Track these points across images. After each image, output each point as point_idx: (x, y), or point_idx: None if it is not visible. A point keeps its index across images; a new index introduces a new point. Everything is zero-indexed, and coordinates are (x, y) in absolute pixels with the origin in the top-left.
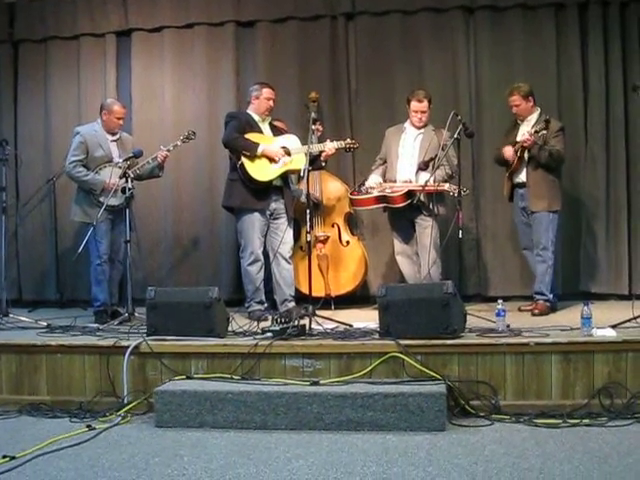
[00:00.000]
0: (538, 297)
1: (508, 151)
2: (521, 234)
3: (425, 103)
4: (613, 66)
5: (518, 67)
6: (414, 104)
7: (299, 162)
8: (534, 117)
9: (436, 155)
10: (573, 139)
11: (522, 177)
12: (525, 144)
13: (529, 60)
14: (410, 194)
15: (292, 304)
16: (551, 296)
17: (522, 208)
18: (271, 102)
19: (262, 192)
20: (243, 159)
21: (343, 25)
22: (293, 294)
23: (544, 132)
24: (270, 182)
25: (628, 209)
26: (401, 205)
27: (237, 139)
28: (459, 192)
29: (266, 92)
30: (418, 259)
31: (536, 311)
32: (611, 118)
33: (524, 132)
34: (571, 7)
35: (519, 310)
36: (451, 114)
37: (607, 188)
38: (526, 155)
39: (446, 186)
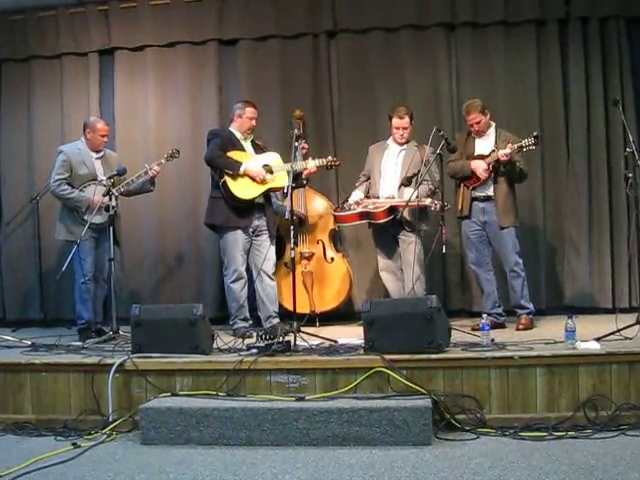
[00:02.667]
0: (520, 312)
1: (481, 167)
2: (472, 249)
3: (406, 119)
4: (594, 81)
5: (499, 83)
6: (395, 120)
7: (281, 180)
8: (491, 131)
9: (419, 171)
10: (555, 153)
11: (488, 191)
12: (504, 158)
13: (510, 76)
14: (393, 210)
15: (276, 320)
16: (531, 306)
17: (483, 222)
18: (253, 122)
19: (245, 210)
20: (226, 177)
21: (325, 43)
22: (277, 310)
23: (532, 148)
24: (252, 200)
25: (610, 223)
26: (384, 221)
27: (220, 157)
28: (442, 207)
29: (249, 111)
30: (402, 275)
31: (521, 326)
32: (592, 132)
33: (492, 147)
34: (551, 23)
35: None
36: (433, 130)
37: (589, 202)
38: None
39: (428, 201)
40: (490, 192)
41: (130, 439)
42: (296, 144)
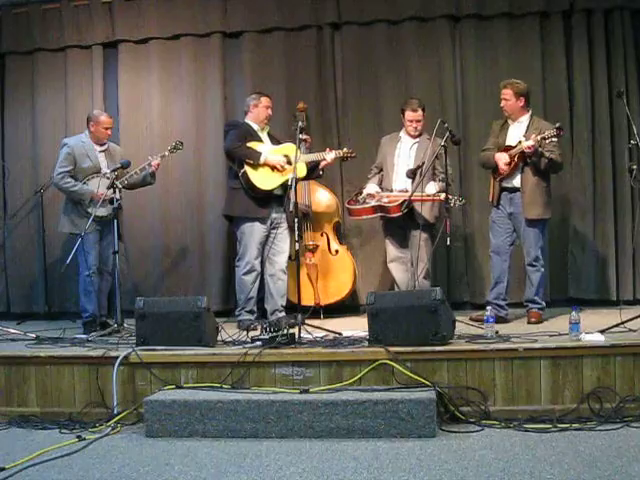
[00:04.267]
0: (532, 305)
1: (503, 159)
2: (495, 235)
3: (420, 112)
4: (598, 73)
5: (503, 75)
6: (409, 113)
7: (300, 171)
8: (525, 119)
9: (423, 163)
10: (559, 145)
11: (514, 182)
12: (527, 150)
13: (514, 68)
14: (404, 204)
15: (282, 314)
16: (544, 303)
17: (509, 213)
18: (269, 111)
19: (264, 201)
20: (246, 167)
21: (329, 35)
22: (284, 305)
23: (554, 140)
24: (272, 191)
25: (614, 215)
26: (397, 215)
27: (240, 147)
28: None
29: (264, 101)
30: (412, 267)
31: (533, 319)
32: (597, 124)
33: (524, 138)
34: (555, 15)
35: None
36: (438, 122)
37: (594, 194)
38: (522, 161)
39: (442, 196)
40: (517, 183)
41: (135, 432)
42: (300, 136)
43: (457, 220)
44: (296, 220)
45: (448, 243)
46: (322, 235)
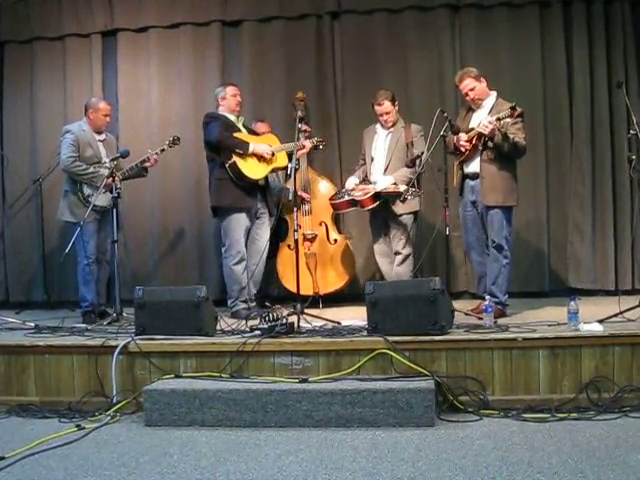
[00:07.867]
0: (489, 298)
1: (462, 138)
2: (465, 230)
3: (386, 104)
4: (598, 63)
5: (503, 65)
6: (376, 108)
7: (282, 160)
8: (490, 101)
9: (422, 152)
10: (558, 136)
11: (474, 167)
12: (485, 131)
13: (514, 57)
14: (379, 196)
15: (253, 304)
16: (505, 298)
17: (472, 202)
18: (238, 97)
19: (250, 191)
20: (235, 158)
21: (329, 24)
22: (256, 293)
23: (508, 120)
24: (258, 180)
25: (614, 205)
26: (370, 207)
27: (229, 138)
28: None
29: (230, 90)
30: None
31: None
32: (596, 115)
33: (482, 119)
34: (555, 4)
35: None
36: (437, 111)
37: (593, 185)
38: (481, 144)
39: (402, 188)
40: (475, 168)
41: (134, 421)
42: (299, 126)
43: (456, 210)
44: (295, 210)
45: (447, 233)
46: (321, 224)
